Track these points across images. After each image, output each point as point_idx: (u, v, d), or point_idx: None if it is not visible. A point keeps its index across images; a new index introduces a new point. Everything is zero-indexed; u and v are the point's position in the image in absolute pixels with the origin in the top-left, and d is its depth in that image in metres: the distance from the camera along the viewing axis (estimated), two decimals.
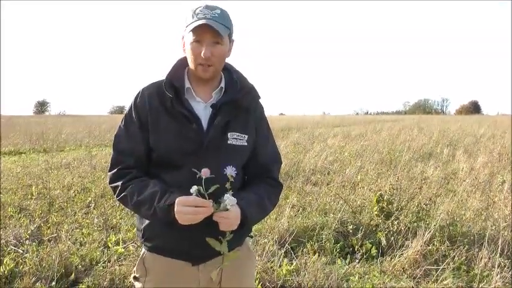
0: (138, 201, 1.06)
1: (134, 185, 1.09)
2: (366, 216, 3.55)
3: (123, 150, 1.14)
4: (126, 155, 1.13)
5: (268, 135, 1.26)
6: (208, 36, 1.08)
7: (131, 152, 1.13)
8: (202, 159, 1.08)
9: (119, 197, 1.11)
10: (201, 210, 0.98)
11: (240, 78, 1.20)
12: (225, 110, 1.13)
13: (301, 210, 3.90)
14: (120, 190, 1.10)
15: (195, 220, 0.99)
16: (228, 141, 1.13)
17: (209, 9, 1.09)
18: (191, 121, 1.10)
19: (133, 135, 1.12)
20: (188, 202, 0.99)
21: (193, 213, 0.98)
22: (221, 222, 1.02)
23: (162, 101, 1.12)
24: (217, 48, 1.09)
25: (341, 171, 5.84)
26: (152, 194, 1.05)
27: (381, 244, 3.06)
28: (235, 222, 1.04)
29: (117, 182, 1.12)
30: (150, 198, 1.04)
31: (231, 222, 1.03)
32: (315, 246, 3.01)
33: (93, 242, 3.07)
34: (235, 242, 1.12)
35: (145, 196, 1.05)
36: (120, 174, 1.12)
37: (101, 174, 5.77)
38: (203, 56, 1.08)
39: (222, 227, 1.03)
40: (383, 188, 4.05)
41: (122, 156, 1.14)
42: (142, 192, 1.06)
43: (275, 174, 1.26)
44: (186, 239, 1.11)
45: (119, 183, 1.10)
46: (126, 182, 1.10)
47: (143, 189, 1.06)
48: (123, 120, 1.16)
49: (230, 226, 1.04)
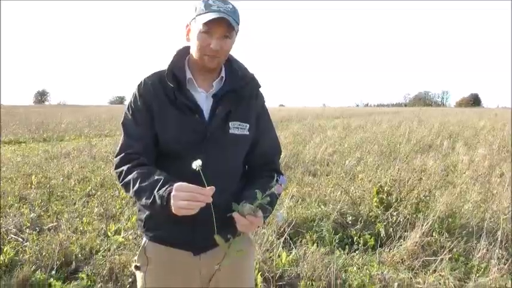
0: (140, 187, 1.03)
1: (139, 171, 1.06)
2: (365, 208, 3.55)
3: (132, 135, 1.12)
4: (135, 139, 1.11)
5: (269, 124, 1.27)
6: (221, 30, 1.07)
7: (140, 137, 1.11)
8: (205, 149, 1.09)
9: (122, 182, 1.09)
10: (199, 196, 0.93)
11: (240, 68, 1.20)
12: (226, 99, 1.13)
13: (301, 201, 3.90)
14: (125, 175, 1.08)
15: (190, 207, 0.93)
16: (229, 131, 1.13)
17: (221, 2, 1.09)
18: (194, 112, 1.10)
19: (141, 122, 1.11)
20: (188, 188, 0.95)
21: (190, 198, 0.93)
22: (243, 224, 1.00)
23: (165, 91, 1.11)
24: (226, 43, 1.09)
25: (340, 163, 5.83)
26: (155, 181, 1.01)
27: (380, 235, 3.07)
28: (255, 228, 1.03)
29: (122, 166, 1.09)
30: (152, 186, 1.01)
31: (253, 228, 1.02)
32: (314, 236, 3.01)
33: (93, 231, 3.07)
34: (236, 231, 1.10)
35: (148, 183, 1.02)
36: (127, 159, 1.10)
37: (100, 164, 5.77)
38: (213, 48, 1.07)
39: (242, 228, 1.01)
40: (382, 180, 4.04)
41: (131, 140, 1.11)
42: (146, 179, 1.03)
43: (277, 165, 1.26)
44: (188, 229, 1.10)
45: (124, 168, 1.08)
46: (132, 167, 1.08)
47: (147, 176, 1.03)
48: (129, 109, 1.14)
49: (249, 230, 1.02)
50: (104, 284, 2.32)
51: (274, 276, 2.43)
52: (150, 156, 1.12)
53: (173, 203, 0.94)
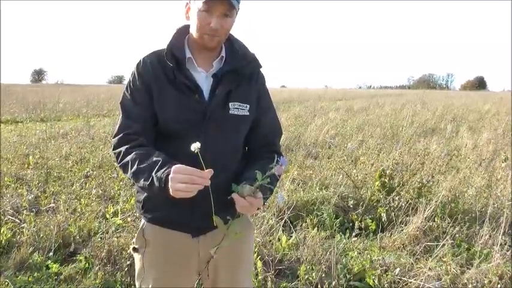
0: (139, 169, 1.02)
1: (138, 152, 1.05)
2: (366, 192, 3.54)
3: (131, 115, 1.11)
4: (134, 120, 1.11)
5: (269, 105, 1.26)
6: (221, 9, 1.06)
7: (139, 117, 1.11)
8: (205, 129, 1.09)
9: (120, 163, 1.08)
10: (197, 179, 0.93)
11: (241, 47, 1.19)
12: (227, 79, 1.13)
13: (302, 184, 3.89)
14: (123, 156, 1.07)
15: (188, 190, 0.92)
16: (229, 111, 1.12)
17: None
18: (193, 91, 1.10)
19: (140, 101, 1.11)
20: (186, 170, 0.94)
21: (188, 181, 0.92)
22: (243, 206, 1.00)
23: (164, 71, 1.11)
24: (226, 21, 1.09)
25: (342, 145, 5.81)
26: (153, 163, 1.01)
27: (381, 220, 3.07)
28: (255, 210, 1.03)
29: (121, 147, 1.09)
30: (150, 168, 1.00)
31: (253, 209, 1.02)
32: (315, 220, 3.01)
33: (91, 213, 3.06)
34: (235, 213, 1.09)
35: (146, 165, 1.01)
36: (125, 140, 1.09)
37: (99, 144, 5.74)
38: (213, 27, 1.06)
39: (242, 210, 1.01)
40: (385, 163, 4.02)
41: (130, 120, 1.11)
42: (144, 161, 1.02)
43: (277, 146, 1.26)
44: (187, 211, 1.10)
45: (123, 149, 1.08)
46: (130, 148, 1.07)
47: (146, 158, 1.03)
48: (127, 88, 1.14)
49: (248, 211, 1.03)
50: (102, 267, 2.32)
51: (274, 260, 2.43)
52: (149, 136, 1.12)
53: (171, 185, 0.93)
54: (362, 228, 2.94)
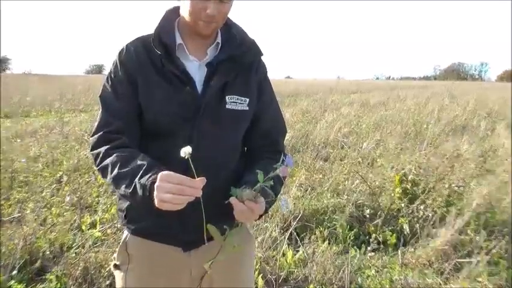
0: (120, 173, 1.01)
1: (119, 154, 1.05)
2: (386, 199, 3.54)
3: (112, 110, 1.12)
4: (115, 115, 1.11)
5: (272, 98, 1.28)
6: None
7: (121, 112, 1.11)
8: (197, 127, 1.10)
9: (99, 166, 1.08)
10: (187, 189, 0.92)
11: (239, 33, 1.20)
12: (223, 69, 1.14)
13: (310, 190, 3.90)
14: (102, 157, 1.07)
15: (175, 201, 0.91)
16: (226, 106, 1.13)
17: None
18: (185, 83, 1.10)
19: (122, 94, 1.12)
20: (174, 178, 0.93)
21: (176, 191, 0.91)
22: (241, 211, 1.00)
23: (151, 59, 1.12)
24: (224, 6, 1.09)
25: (357, 145, 5.84)
26: (137, 167, 1.00)
27: (403, 232, 3.07)
28: (255, 217, 1.03)
29: (100, 148, 1.09)
30: (133, 173, 1.00)
31: (253, 216, 1.02)
32: (325, 232, 3.02)
33: (64, 224, 3.05)
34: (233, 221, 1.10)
35: (128, 169, 1.01)
36: (105, 139, 1.09)
37: (74, 144, 5.74)
38: (209, 13, 1.07)
39: (240, 217, 1.02)
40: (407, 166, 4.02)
41: (110, 116, 1.11)
42: (126, 164, 1.02)
43: (281, 146, 1.28)
44: (177, 221, 1.11)
45: (102, 149, 1.07)
46: (110, 149, 1.07)
47: (129, 161, 1.02)
48: (108, 79, 1.15)
49: (248, 219, 1.03)
50: (77, 287, 2.30)
51: (278, 278, 2.44)
52: (133, 135, 1.12)
53: (156, 194, 0.93)
54: (380, 241, 2.94)
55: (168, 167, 1.07)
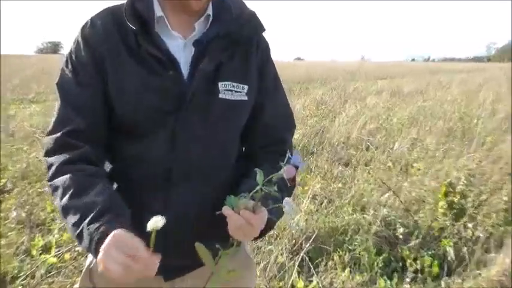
0: (69, 205, 1.02)
1: (74, 177, 1.05)
2: (424, 215, 3.54)
3: (73, 103, 1.12)
4: (78, 110, 1.11)
5: (276, 85, 1.30)
6: None
7: (85, 106, 1.12)
8: (183, 122, 1.11)
9: (50, 181, 1.10)
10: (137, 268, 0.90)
11: (235, 3, 1.22)
12: (215, 48, 1.14)
13: (326, 203, 3.91)
14: (55, 173, 1.08)
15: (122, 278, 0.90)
16: (219, 95, 1.14)
17: None
18: (166, 66, 1.11)
19: (86, 83, 1.12)
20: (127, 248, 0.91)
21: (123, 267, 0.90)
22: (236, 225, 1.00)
23: (123, 36, 1.12)
24: None
25: (387, 146, 5.87)
26: (90, 204, 1.00)
27: (447, 258, 3.07)
28: (255, 233, 1.02)
29: (54, 155, 1.09)
30: (84, 210, 1.00)
31: (252, 231, 1.01)
32: (346, 257, 3.02)
33: (8, 247, 3.06)
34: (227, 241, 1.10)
35: (80, 203, 1.01)
36: (63, 144, 1.10)
37: (22, 145, 5.74)
38: None
39: (236, 233, 1.01)
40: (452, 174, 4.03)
41: (71, 111, 1.12)
42: (80, 194, 1.02)
43: (288, 144, 1.29)
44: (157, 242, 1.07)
45: (56, 162, 1.08)
46: (67, 162, 1.07)
47: (83, 190, 1.03)
48: (68, 63, 1.15)
49: (246, 236, 1.02)
50: None
51: None
52: (99, 134, 1.13)
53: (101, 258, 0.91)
54: (418, 270, 2.94)
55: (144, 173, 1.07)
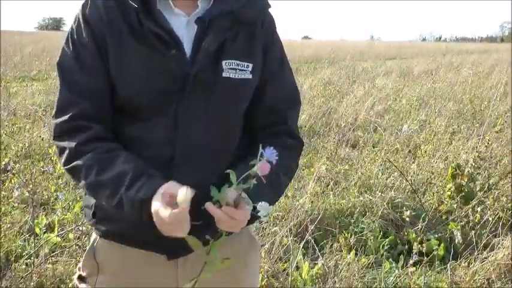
0: (98, 181, 1.05)
1: (95, 154, 1.07)
2: (432, 198, 3.54)
3: (76, 85, 1.13)
4: (81, 93, 1.12)
5: (283, 63, 1.29)
6: None
7: (89, 88, 1.12)
8: (185, 102, 1.10)
9: (67, 165, 1.10)
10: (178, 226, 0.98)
11: None
12: (218, 26, 1.14)
13: (332, 185, 3.91)
14: (72, 155, 1.09)
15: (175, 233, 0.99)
16: (222, 74, 1.14)
17: None
18: (169, 45, 1.11)
19: (88, 65, 1.12)
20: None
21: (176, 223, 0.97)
22: (220, 220, 1.02)
23: (124, 15, 1.12)
24: None
25: (395, 128, 5.84)
26: (120, 174, 1.04)
27: (454, 241, 3.07)
28: (241, 226, 1.05)
29: (68, 140, 1.10)
30: (115, 181, 1.04)
31: (236, 224, 1.03)
32: (351, 240, 3.02)
33: (12, 226, 3.08)
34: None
35: (109, 176, 1.05)
36: (73, 127, 1.10)
37: (24, 123, 5.75)
38: None
39: (222, 227, 1.03)
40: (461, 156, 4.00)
41: (75, 94, 1.12)
42: (106, 168, 1.05)
43: (292, 125, 1.28)
44: None
45: (73, 144, 1.09)
46: (83, 143, 1.08)
47: (108, 164, 1.06)
48: (69, 42, 1.15)
49: (231, 228, 1.04)
50: None
51: None
52: (106, 118, 1.14)
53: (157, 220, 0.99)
54: (424, 253, 2.93)
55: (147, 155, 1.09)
